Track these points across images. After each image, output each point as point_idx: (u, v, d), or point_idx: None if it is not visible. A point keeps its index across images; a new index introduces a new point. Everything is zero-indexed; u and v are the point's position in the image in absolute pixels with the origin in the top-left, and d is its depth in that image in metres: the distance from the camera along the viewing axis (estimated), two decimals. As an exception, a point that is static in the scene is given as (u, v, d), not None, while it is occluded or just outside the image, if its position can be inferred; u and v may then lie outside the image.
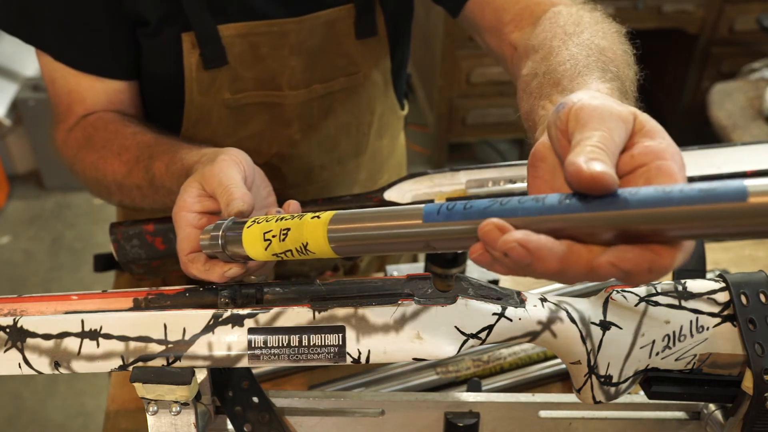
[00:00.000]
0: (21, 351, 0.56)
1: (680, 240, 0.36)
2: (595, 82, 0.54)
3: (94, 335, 0.55)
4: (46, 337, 0.56)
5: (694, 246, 0.39)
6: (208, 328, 0.55)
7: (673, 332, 0.56)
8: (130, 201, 0.79)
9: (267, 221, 0.53)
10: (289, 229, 0.51)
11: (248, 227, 0.54)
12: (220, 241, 0.56)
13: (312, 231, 0.49)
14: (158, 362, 0.55)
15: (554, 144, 0.43)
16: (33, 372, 0.56)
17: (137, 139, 0.78)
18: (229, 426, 0.63)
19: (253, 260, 0.55)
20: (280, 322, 0.55)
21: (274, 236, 0.52)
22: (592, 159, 0.37)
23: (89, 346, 0.55)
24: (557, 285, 0.95)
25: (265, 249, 0.52)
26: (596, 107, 0.41)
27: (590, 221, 0.37)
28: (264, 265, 0.60)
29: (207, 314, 0.55)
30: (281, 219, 0.52)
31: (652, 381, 0.57)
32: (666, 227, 0.35)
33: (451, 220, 0.41)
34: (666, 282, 0.57)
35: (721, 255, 1.06)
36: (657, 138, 0.40)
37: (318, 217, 0.49)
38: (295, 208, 0.60)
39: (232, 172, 0.61)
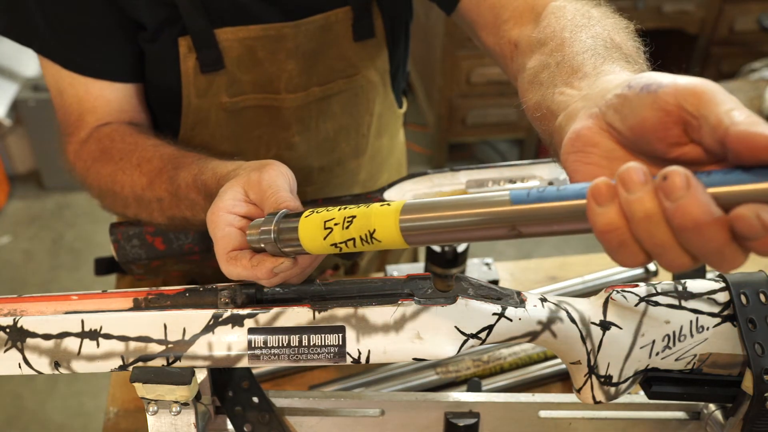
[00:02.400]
0: (21, 351, 0.56)
1: None
2: (623, 71, 0.51)
3: (94, 335, 0.55)
4: (46, 337, 0.56)
5: None
6: (208, 328, 0.55)
7: (673, 332, 0.56)
8: (147, 215, 0.77)
9: (328, 210, 0.51)
10: (354, 217, 0.48)
11: (306, 216, 0.52)
12: (272, 235, 0.53)
13: (381, 219, 0.47)
14: (158, 362, 0.55)
15: (642, 126, 0.40)
16: (33, 372, 0.56)
17: (160, 151, 0.76)
18: (229, 426, 0.63)
19: (306, 253, 0.53)
20: (280, 322, 0.55)
21: (336, 224, 0.49)
22: None
23: (89, 346, 0.55)
24: (557, 285, 0.95)
25: (324, 238, 0.50)
26: (706, 82, 0.38)
27: None
28: (314, 261, 0.57)
29: (207, 314, 0.55)
30: (344, 208, 0.50)
31: (652, 381, 0.57)
32: None
33: (544, 201, 0.39)
34: (666, 282, 0.57)
35: (721, 255, 1.05)
36: None
37: (388, 204, 0.47)
38: None
39: (280, 181, 0.59)
